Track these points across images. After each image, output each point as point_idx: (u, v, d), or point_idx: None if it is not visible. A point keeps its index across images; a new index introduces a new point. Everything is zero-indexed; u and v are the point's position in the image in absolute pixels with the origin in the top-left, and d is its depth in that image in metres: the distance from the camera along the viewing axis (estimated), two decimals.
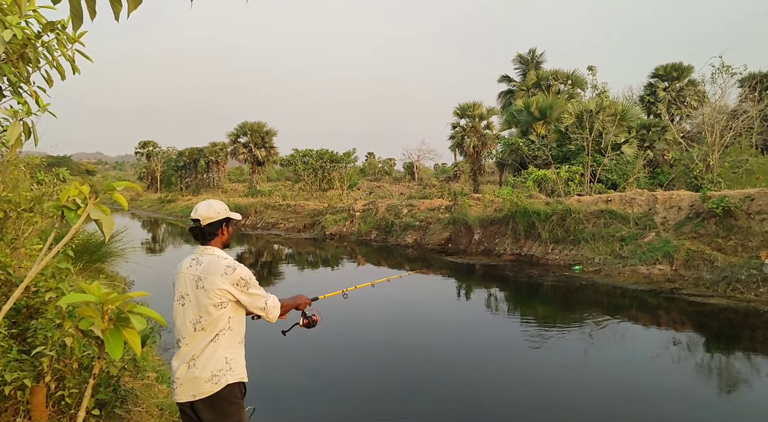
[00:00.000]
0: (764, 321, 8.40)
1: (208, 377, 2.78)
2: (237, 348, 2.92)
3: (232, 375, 2.86)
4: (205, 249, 2.96)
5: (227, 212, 3.04)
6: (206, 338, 2.80)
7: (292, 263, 17.04)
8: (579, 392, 5.95)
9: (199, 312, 2.81)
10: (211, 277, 2.80)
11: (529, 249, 14.72)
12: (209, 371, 2.79)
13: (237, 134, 42.58)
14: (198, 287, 2.82)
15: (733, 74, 17.11)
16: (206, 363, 2.79)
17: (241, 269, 2.84)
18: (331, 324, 9.05)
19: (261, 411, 5.43)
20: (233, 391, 2.87)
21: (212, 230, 2.97)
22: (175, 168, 54.74)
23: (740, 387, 6.11)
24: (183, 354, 2.83)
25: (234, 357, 2.89)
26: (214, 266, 2.83)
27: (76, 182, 1.82)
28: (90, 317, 1.42)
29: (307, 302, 3.29)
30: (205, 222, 2.94)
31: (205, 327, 2.80)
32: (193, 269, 2.89)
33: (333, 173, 32.63)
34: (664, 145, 22.32)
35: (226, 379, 2.82)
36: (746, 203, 11.52)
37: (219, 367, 2.81)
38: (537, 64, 34.98)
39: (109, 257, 10.29)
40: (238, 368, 2.91)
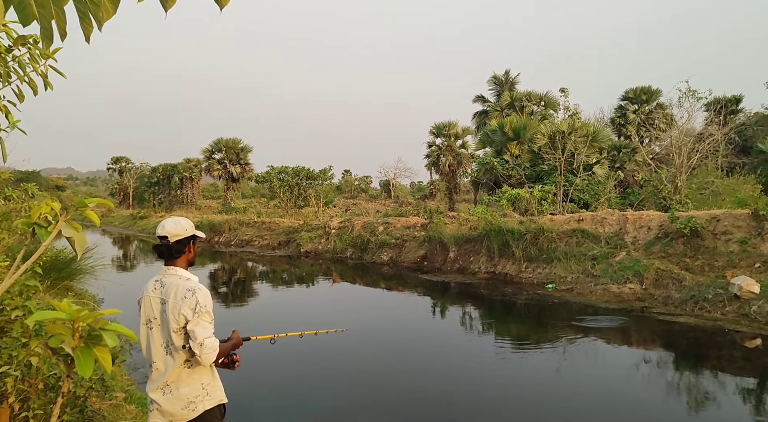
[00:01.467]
0: (730, 339, 8.60)
1: (185, 404, 2.71)
2: (212, 372, 2.85)
3: (210, 400, 2.79)
4: (168, 270, 2.85)
5: (193, 230, 2.95)
6: (178, 363, 2.72)
7: (265, 281, 16.87)
8: (551, 410, 5.99)
9: (165, 337, 2.72)
10: (172, 300, 2.71)
11: (503, 267, 14.85)
12: (186, 398, 2.72)
13: (212, 150, 42.26)
14: (163, 311, 2.73)
15: (699, 99, 17.73)
16: (182, 389, 2.72)
17: (200, 293, 2.73)
18: (307, 340, 8.96)
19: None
20: (212, 413, 2.81)
21: (180, 247, 2.88)
22: (148, 184, 53.97)
23: (708, 406, 6.23)
24: (156, 378, 2.76)
25: (210, 381, 2.82)
26: (176, 288, 2.74)
27: (48, 198, 1.81)
28: (60, 334, 1.41)
29: (239, 343, 3.04)
30: (174, 239, 2.84)
31: (172, 352, 2.72)
32: (157, 291, 2.80)
33: (309, 190, 32.56)
34: (634, 166, 22.88)
35: (203, 405, 2.76)
36: (712, 224, 11.85)
37: (196, 394, 2.75)
38: (511, 85, 35.66)
39: (78, 274, 10.06)
40: (216, 391, 2.84)
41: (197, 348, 2.64)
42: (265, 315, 11.56)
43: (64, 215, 1.65)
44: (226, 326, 3.21)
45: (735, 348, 8.35)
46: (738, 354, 8.15)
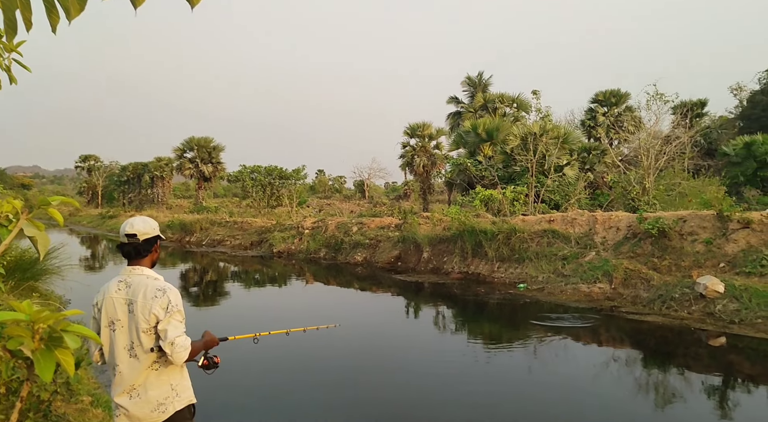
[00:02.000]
0: (696, 338, 8.82)
1: (154, 406, 2.67)
2: (181, 372, 2.81)
3: (180, 400, 2.76)
4: (133, 270, 2.79)
5: (159, 231, 2.92)
6: (144, 365, 2.67)
7: (237, 282, 16.67)
8: (520, 408, 6.04)
9: (131, 338, 2.66)
10: (141, 300, 2.65)
11: (476, 268, 14.96)
12: (155, 400, 2.67)
13: (183, 149, 41.63)
14: (129, 312, 2.66)
15: (666, 102, 18.15)
16: (150, 392, 2.67)
17: (171, 292, 2.70)
18: (278, 340, 8.89)
19: None
20: (182, 414, 2.78)
21: (148, 246, 2.83)
22: (118, 183, 52.92)
23: (674, 403, 6.36)
24: (120, 382, 2.69)
25: (179, 382, 2.78)
26: (144, 288, 2.68)
27: (10, 197, 1.74)
28: (19, 336, 1.35)
29: (215, 342, 3.01)
30: (143, 237, 2.79)
31: (138, 354, 2.66)
32: (122, 292, 2.72)
33: (282, 190, 32.33)
34: (604, 168, 23.31)
35: (173, 407, 2.72)
36: (679, 225, 12.14)
37: (165, 395, 2.71)
38: (484, 86, 36.02)
39: (43, 274, 9.77)
40: (185, 391, 2.81)
41: (168, 347, 2.60)
42: (236, 317, 11.42)
43: (25, 214, 1.59)
44: (198, 327, 3.15)
45: (701, 346, 8.56)
46: (703, 352, 8.36)
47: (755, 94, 30.17)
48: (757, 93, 30.05)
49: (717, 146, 25.49)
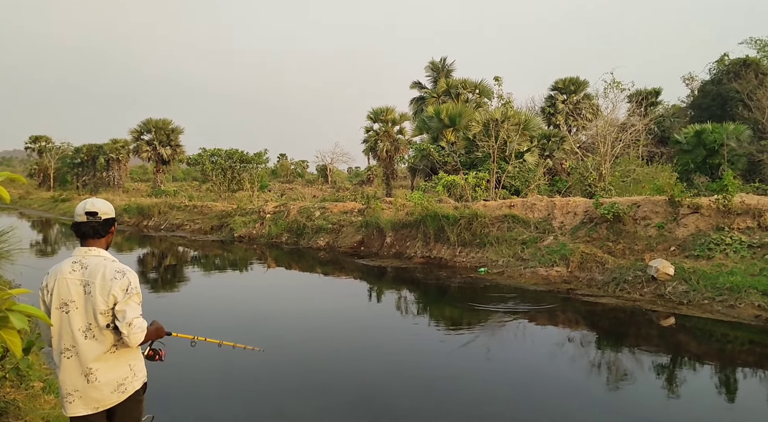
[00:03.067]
0: (647, 319, 9.16)
1: (113, 387, 2.66)
2: (136, 351, 2.81)
3: (137, 380, 2.78)
4: (89, 251, 2.72)
5: (114, 214, 2.89)
6: (101, 348, 2.63)
7: (197, 267, 16.39)
8: (480, 387, 6.17)
9: (88, 319, 2.61)
10: (100, 281, 2.60)
11: (438, 252, 15.12)
12: (114, 381, 2.66)
13: (140, 131, 40.39)
14: (86, 293, 2.61)
15: (622, 90, 18.59)
16: (108, 372, 2.65)
17: (131, 274, 2.68)
18: (240, 324, 8.82)
19: (161, 418, 5.18)
20: (139, 393, 2.82)
21: (107, 227, 2.78)
22: (71, 165, 51.00)
23: (626, 380, 6.62)
24: (75, 365, 2.62)
25: (136, 361, 2.79)
26: (103, 269, 2.64)
27: None
28: None
29: (162, 332, 3.01)
30: (104, 216, 2.75)
31: (96, 335, 2.61)
32: (77, 273, 2.65)
33: (243, 173, 31.80)
34: (563, 154, 23.79)
35: (132, 386, 2.74)
36: (633, 210, 12.53)
37: (124, 376, 2.71)
38: (447, 72, 36.13)
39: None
40: (141, 370, 2.83)
41: (125, 327, 2.58)
42: (193, 306, 11.25)
43: None
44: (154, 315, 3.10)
45: (651, 326, 8.91)
46: (654, 333, 8.70)
47: (706, 84, 31.19)
48: (707, 83, 31.07)
49: (669, 134, 26.30)
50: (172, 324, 3.26)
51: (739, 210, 11.09)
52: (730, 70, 28.57)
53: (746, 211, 11.01)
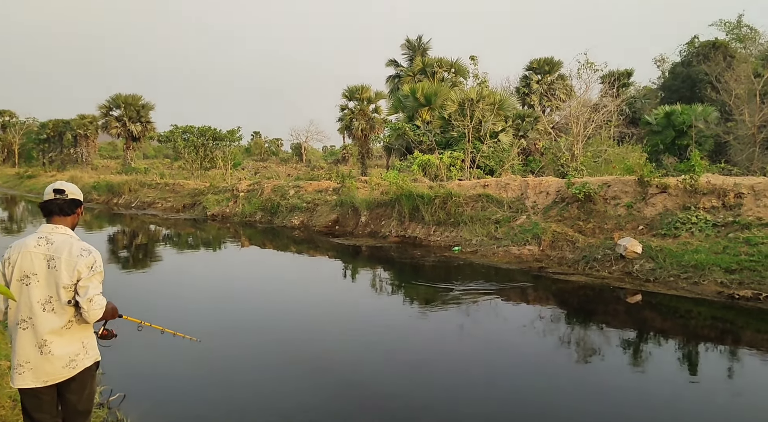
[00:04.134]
0: (615, 296, 9.41)
1: (65, 362, 2.72)
2: (90, 330, 2.90)
3: (89, 357, 2.85)
4: (55, 228, 2.80)
5: (82, 198, 3.02)
6: (58, 321, 2.70)
7: (169, 245, 16.19)
8: (453, 365, 6.29)
9: (49, 293, 2.68)
10: (66, 257, 2.69)
11: (413, 231, 15.21)
12: (67, 356, 2.73)
13: (109, 107, 39.37)
14: (50, 267, 2.68)
15: (595, 71, 18.79)
16: (62, 347, 2.71)
17: (96, 254, 2.79)
18: (212, 300, 8.80)
19: (132, 397, 5.17)
20: (90, 370, 2.89)
21: (73, 206, 2.88)
22: (37, 141, 49.53)
23: (593, 355, 6.81)
24: (30, 336, 2.68)
25: (89, 339, 2.88)
26: (69, 246, 2.73)
27: None
28: None
29: (116, 313, 3.09)
30: (71, 196, 2.85)
31: (56, 308, 2.69)
32: (42, 248, 2.72)
33: (216, 151, 31.34)
34: (536, 134, 24.01)
35: (83, 363, 2.81)
36: (604, 189, 12.76)
37: (76, 352, 2.77)
38: (423, 50, 35.91)
39: None
40: (93, 348, 2.90)
41: (86, 303, 2.68)
42: (162, 283, 11.15)
43: None
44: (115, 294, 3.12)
45: (619, 303, 9.16)
46: (621, 309, 8.95)
47: (676, 66, 31.69)
48: (677, 65, 31.57)
49: (640, 115, 26.73)
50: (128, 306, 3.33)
51: (705, 190, 11.39)
52: (700, 52, 29.05)
53: (712, 191, 11.31)
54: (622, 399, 5.39)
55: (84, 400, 2.88)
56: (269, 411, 5.06)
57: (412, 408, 5.12)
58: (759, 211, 10.48)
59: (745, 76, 20.97)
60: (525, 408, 5.21)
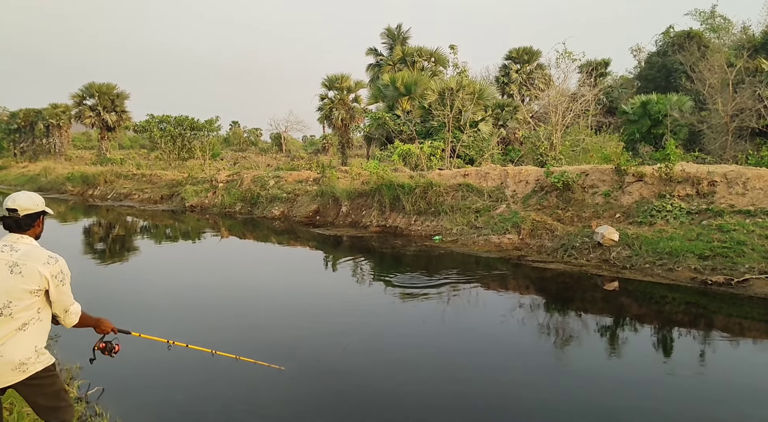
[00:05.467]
0: (593, 283, 9.57)
1: (15, 365, 2.75)
2: (44, 336, 2.94)
3: (41, 362, 2.87)
4: (21, 238, 2.86)
5: (44, 206, 2.99)
6: (12, 325, 2.74)
7: (147, 237, 15.99)
8: (433, 351, 6.36)
9: (8, 298, 2.70)
10: (32, 263, 2.75)
11: (394, 221, 15.25)
12: (17, 359, 2.75)
13: (82, 96, 38.46)
14: (13, 273, 2.72)
15: (573, 60, 18.92)
16: (13, 350, 2.74)
17: (62, 262, 2.85)
18: (193, 282, 8.75)
19: (110, 391, 5.14)
20: (47, 372, 2.92)
21: (29, 222, 2.89)
22: (7, 131, 48.24)
23: (571, 341, 6.94)
24: None
25: (41, 345, 2.90)
26: (36, 254, 2.80)
27: None
28: None
29: (109, 329, 3.27)
30: (24, 213, 2.86)
31: (13, 313, 2.72)
32: (6, 254, 2.77)
33: (194, 141, 30.92)
34: (516, 124, 24.16)
35: (34, 367, 2.83)
36: (582, 178, 12.92)
37: (27, 356, 2.80)
38: (403, 39, 35.75)
39: None
40: (44, 354, 2.92)
41: (62, 313, 2.86)
42: (142, 281, 11.04)
43: None
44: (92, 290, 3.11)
45: (596, 290, 9.33)
46: (598, 296, 9.12)
47: (652, 56, 32.06)
48: (653, 55, 31.94)
49: (617, 104, 27.01)
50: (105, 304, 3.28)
51: (679, 178, 11.61)
52: (675, 42, 29.42)
53: (686, 179, 11.53)
54: (599, 383, 5.51)
55: (49, 397, 2.93)
56: (249, 405, 5.07)
57: (395, 395, 5.17)
58: (731, 199, 10.73)
59: (718, 66, 21.31)
60: (503, 393, 5.30)
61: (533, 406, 5.04)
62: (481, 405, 5.06)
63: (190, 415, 4.88)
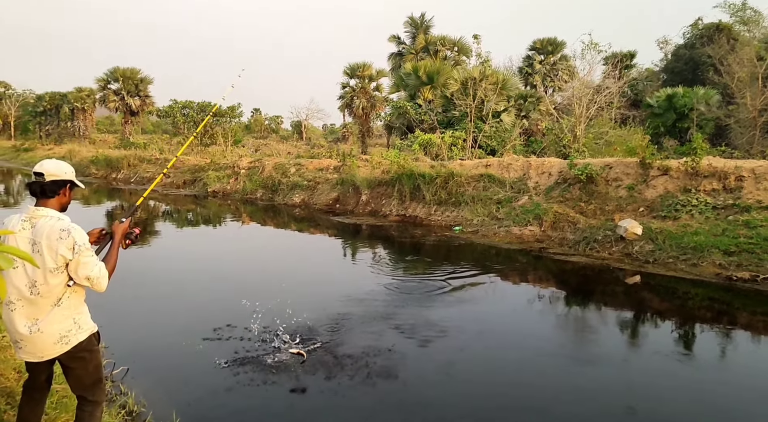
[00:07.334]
0: (614, 276, 9.51)
1: (56, 339, 2.76)
2: (82, 306, 2.92)
3: (82, 332, 2.87)
4: (37, 210, 2.79)
5: (74, 177, 2.95)
6: (47, 303, 2.73)
7: (170, 221, 16.22)
8: (454, 342, 6.38)
9: (34, 277, 2.70)
10: (46, 240, 2.69)
11: (414, 211, 15.26)
12: (57, 333, 2.76)
13: (107, 80, 38.94)
14: (34, 252, 2.69)
15: (599, 52, 18.62)
16: (52, 325, 2.74)
17: (76, 232, 2.74)
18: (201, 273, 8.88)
19: (135, 371, 5.26)
20: (90, 342, 2.91)
21: (54, 188, 2.84)
22: (33, 114, 49.11)
23: (592, 335, 6.92)
24: (20, 315, 2.73)
25: (80, 315, 2.88)
26: (49, 228, 2.71)
27: None
28: None
29: (124, 230, 3.17)
30: (49, 178, 2.81)
31: (42, 293, 2.71)
32: (26, 231, 2.74)
33: (216, 127, 31.18)
34: (538, 115, 23.90)
35: (76, 338, 2.83)
36: (605, 171, 12.79)
37: (68, 328, 2.80)
38: (426, 28, 35.50)
39: None
40: (86, 323, 2.92)
41: (85, 282, 2.75)
42: (166, 258, 11.23)
43: None
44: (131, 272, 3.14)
45: (618, 284, 9.26)
46: (620, 290, 9.06)
47: (679, 49, 31.39)
48: (680, 47, 31.27)
49: (642, 97, 26.57)
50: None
51: (706, 173, 11.42)
52: (704, 34, 28.75)
53: (713, 174, 11.34)
54: (617, 377, 5.50)
55: (90, 372, 2.94)
56: (275, 388, 5.14)
57: (414, 386, 5.21)
58: (759, 194, 10.54)
59: (747, 59, 20.82)
60: (522, 386, 5.32)
61: (552, 398, 5.05)
62: (498, 398, 5.09)
63: (213, 396, 4.96)
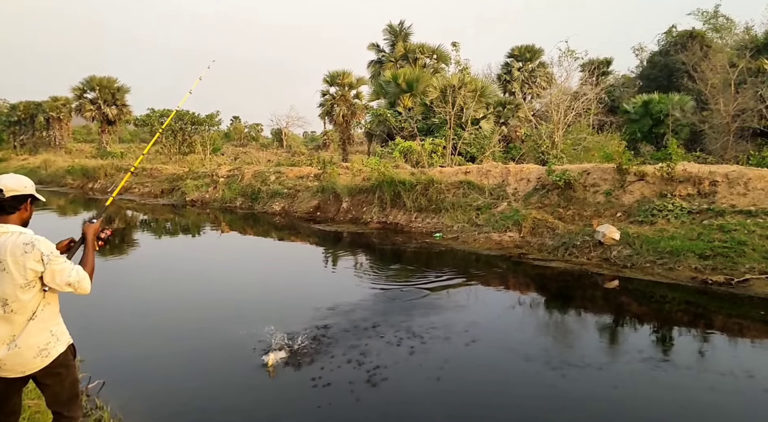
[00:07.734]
0: (593, 281, 9.58)
1: (35, 353, 2.71)
2: (57, 317, 2.88)
3: (60, 344, 2.83)
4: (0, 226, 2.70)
5: (34, 190, 2.86)
6: (22, 319, 2.68)
7: (147, 231, 15.99)
8: (437, 352, 6.36)
9: (4, 295, 2.62)
10: (11, 257, 2.61)
11: (395, 217, 15.26)
12: (36, 347, 2.71)
13: (83, 89, 38.36)
14: (1, 270, 2.62)
15: (576, 58, 18.91)
16: (30, 339, 2.69)
17: (40, 243, 2.67)
18: (177, 281, 8.76)
19: (111, 384, 5.15)
20: (66, 357, 2.87)
21: (15, 203, 2.75)
22: (7, 124, 48.12)
23: (570, 339, 6.95)
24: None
25: (57, 326, 2.85)
26: (12, 244, 2.64)
27: None
28: None
29: (96, 230, 3.14)
30: (9, 194, 2.72)
31: (15, 310, 2.64)
32: None
33: (194, 136, 30.90)
34: (517, 122, 24.14)
35: (56, 350, 2.79)
36: (583, 177, 12.93)
37: (46, 341, 2.75)
38: (405, 35, 35.67)
39: None
40: (63, 334, 2.88)
41: (67, 288, 2.71)
42: (138, 267, 11.05)
43: None
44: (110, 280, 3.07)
45: (597, 289, 9.34)
46: (599, 294, 9.13)
47: (654, 55, 32.01)
48: (656, 54, 31.89)
49: (619, 103, 26.99)
50: None
51: (681, 178, 11.61)
52: (677, 41, 29.36)
53: (688, 179, 11.54)
54: (598, 381, 5.52)
55: (66, 389, 2.89)
56: (247, 396, 5.07)
57: (401, 393, 5.18)
58: (732, 199, 10.74)
59: (720, 66, 21.30)
60: (501, 391, 5.31)
61: (532, 401, 5.05)
62: (478, 402, 5.07)
63: (189, 407, 4.89)
